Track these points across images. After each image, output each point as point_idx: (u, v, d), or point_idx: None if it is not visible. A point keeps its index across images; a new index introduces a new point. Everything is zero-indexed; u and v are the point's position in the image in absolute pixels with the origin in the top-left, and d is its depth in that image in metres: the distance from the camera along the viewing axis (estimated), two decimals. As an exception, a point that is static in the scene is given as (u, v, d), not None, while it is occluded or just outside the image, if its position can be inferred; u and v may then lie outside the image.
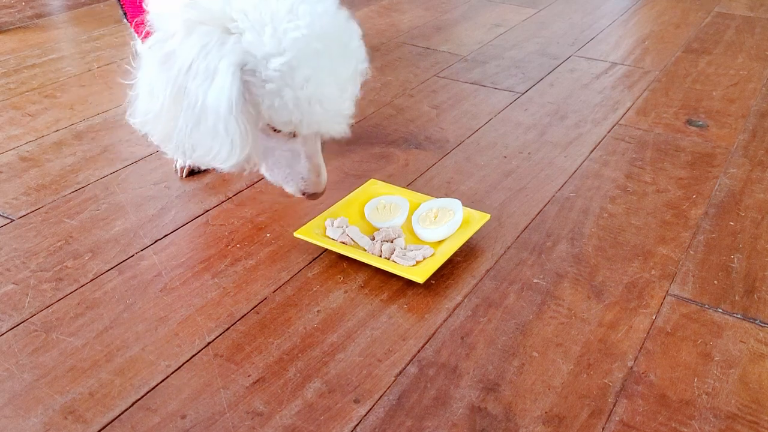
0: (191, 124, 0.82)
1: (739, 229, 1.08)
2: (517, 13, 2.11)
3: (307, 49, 0.81)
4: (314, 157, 0.91)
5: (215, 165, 0.86)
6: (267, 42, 0.80)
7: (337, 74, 0.84)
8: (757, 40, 1.90)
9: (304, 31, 0.81)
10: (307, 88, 0.81)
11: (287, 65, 0.80)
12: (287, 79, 0.80)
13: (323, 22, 0.83)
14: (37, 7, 2.11)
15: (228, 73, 0.79)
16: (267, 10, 0.81)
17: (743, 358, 0.84)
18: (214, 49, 0.80)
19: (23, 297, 0.92)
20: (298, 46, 0.80)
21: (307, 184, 0.93)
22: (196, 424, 0.74)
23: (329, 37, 0.83)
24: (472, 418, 0.75)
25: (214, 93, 0.80)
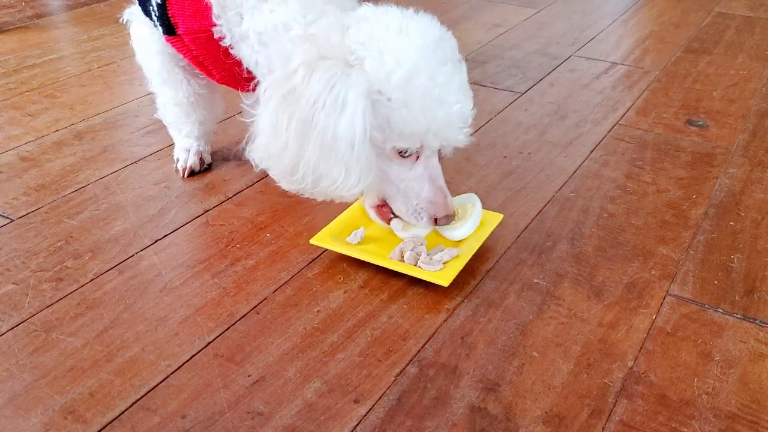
0: (321, 154, 0.84)
1: (739, 229, 1.08)
2: (517, 13, 2.11)
3: (424, 58, 0.84)
4: (438, 179, 0.92)
5: (338, 194, 0.88)
6: (387, 61, 0.83)
7: (454, 79, 0.86)
8: (757, 40, 1.90)
9: (417, 42, 0.85)
10: (429, 93, 0.84)
11: (408, 74, 0.83)
12: (410, 88, 0.83)
13: (433, 34, 0.87)
14: (37, 7, 2.11)
15: (358, 102, 0.82)
16: (381, 37, 0.85)
17: (743, 358, 0.84)
18: (340, 81, 0.83)
19: (23, 297, 0.92)
20: (415, 56, 0.84)
21: (436, 207, 0.92)
22: (196, 424, 0.74)
23: (441, 47, 0.87)
24: (472, 418, 0.75)
25: (345, 122, 0.82)
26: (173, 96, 1.14)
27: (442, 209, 0.92)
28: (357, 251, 0.96)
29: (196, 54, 1.01)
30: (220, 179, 1.19)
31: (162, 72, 1.11)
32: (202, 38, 0.98)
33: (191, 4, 0.96)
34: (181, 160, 1.19)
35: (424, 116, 0.84)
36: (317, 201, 1.04)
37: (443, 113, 0.85)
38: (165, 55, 1.09)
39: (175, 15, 0.98)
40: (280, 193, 1.15)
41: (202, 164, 1.20)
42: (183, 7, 0.97)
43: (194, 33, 0.98)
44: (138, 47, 1.13)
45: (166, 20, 0.99)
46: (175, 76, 1.11)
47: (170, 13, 0.98)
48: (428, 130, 0.86)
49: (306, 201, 0.96)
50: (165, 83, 1.13)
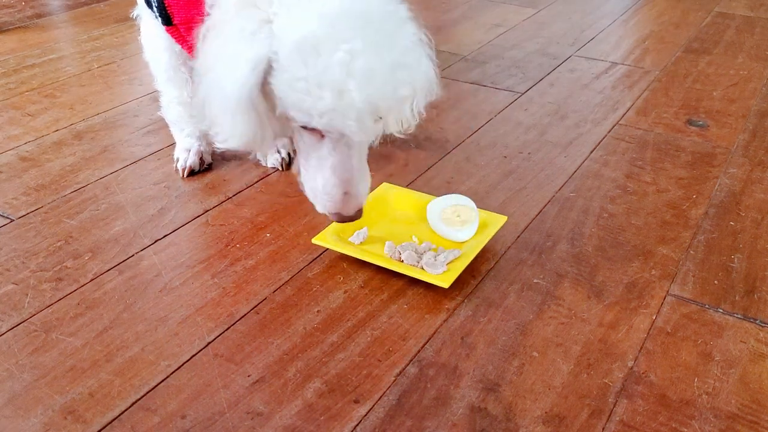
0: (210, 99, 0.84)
1: (739, 229, 1.08)
2: (517, 13, 2.11)
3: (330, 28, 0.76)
4: (341, 171, 0.83)
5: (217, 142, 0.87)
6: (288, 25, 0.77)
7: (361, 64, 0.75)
8: (757, 40, 1.90)
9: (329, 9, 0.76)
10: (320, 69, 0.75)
11: (297, 46, 0.76)
12: (296, 61, 0.76)
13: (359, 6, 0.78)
14: (37, 7, 2.11)
15: (248, 65, 0.79)
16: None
17: (743, 358, 0.84)
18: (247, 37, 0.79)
19: (23, 297, 0.92)
20: (320, 24, 0.76)
21: (331, 202, 0.85)
22: (196, 424, 0.74)
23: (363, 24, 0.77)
24: (472, 418, 0.75)
25: (230, 79, 0.80)
26: (177, 95, 1.14)
27: (334, 206, 0.85)
28: (359, 251, 0.96)
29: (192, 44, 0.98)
30: (220, 179, 1.19)
31: (168, 70, 1.11)
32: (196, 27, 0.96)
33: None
34: (181, 160, 1.19)
35: (308, 95, 0.77)
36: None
37: (329, 96, 0.76)
38: (171, 52, 1.09)
39: (171, 5, 0.98)
40: (280, 193, 1.15)
41: (202, 164, 1.20)
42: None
43: (188, 22, 0.96)
44: (146, 43, 1.13)
45: (163, 10, 0.98)
46: (180, 74, 1.11)
47: (166, 3, 0.98)
48: (312, 110, 0.78)
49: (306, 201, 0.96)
50: (170, 81, 1.13)
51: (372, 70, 0.76)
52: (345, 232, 1.00)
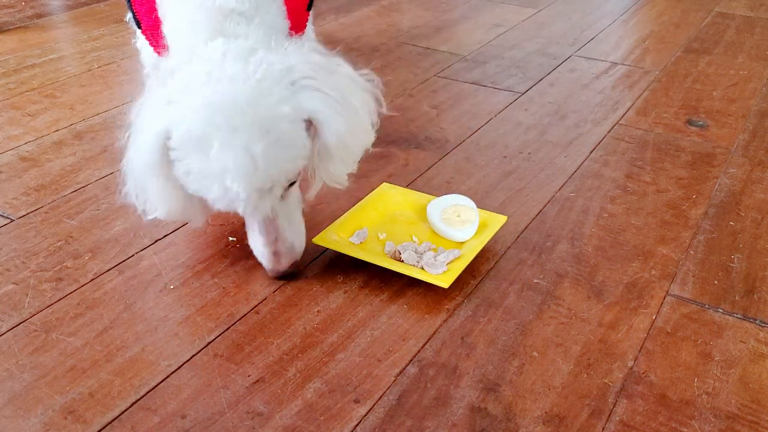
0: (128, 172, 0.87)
1: (739, 229, 1.08)
2: (517, 13, 2.11)
3: (205, 126, 0.77)
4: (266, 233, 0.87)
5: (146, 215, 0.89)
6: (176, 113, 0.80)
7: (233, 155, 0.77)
8: (757, 40, 1.90)
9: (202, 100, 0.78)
10: (202, 164, 0.78)
11: (188, 138, 0.78)
12: (187, 152, 0.79)
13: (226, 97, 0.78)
14: (37, 7, 2.11)
15: (148, 138, 0.81)
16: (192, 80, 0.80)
17: (743, 358, 0.84)
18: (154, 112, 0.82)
19: (23, 297, 0.92)
20: (198, 122, 0.78)
21: (264, 260, 0.90)
22: (196, 424, 0.74)
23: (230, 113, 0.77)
24: (472, 418, 0.75)
25: (134, 152, 0.84)
26: None
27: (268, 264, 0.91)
28: (359, 251, 0.96)
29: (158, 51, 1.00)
30: (220, 179, 1.19)
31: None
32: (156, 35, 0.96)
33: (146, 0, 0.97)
34: None
35: (199, 185, 0.80)
36: (317, 201, 1.04)
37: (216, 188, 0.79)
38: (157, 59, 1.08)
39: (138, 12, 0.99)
40: (280, 193, 1.15)
41: None
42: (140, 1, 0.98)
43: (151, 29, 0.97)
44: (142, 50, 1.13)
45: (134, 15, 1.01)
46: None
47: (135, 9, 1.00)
48: (207, 197, 0.82)
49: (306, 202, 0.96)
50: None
51: (247, 158, 0.77)
52: (345, 232, 1.00)
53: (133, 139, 0.84)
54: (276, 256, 0.90)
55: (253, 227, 0.90)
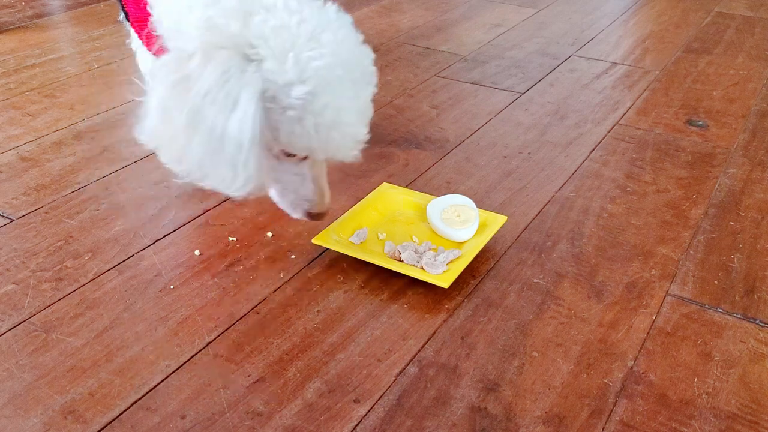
0: (207, 152, 0.80)
1: (739, 229, 1.08)
2: (517, 13, 2.11)
3: (330, 77, 0.80)
4: (320, 179, 0.92)
5: (225, 192, 0.85)
6: (289, 70, 0.79)
7: (357, 101, 0.84)
8: (757, 40, 1.90)
9: (327, 59, 0.80)
10: (327, 115, 0.80)
11: (310, 93, 0.79)
12: (309, 106, 0.79)
13: (345, 50, 0.83)
14: (37, 7, 2.11)
15: (250, 103, 0.78)
16: (288, 37, 0.79)
17: (743, 358, 0.84)
18: (235, 76, 0.78)
19: (23, 297, 0.92)
20: (320, 74, 0.79)
21: (311, 205, 0.92)
22: (196, 424, 0.74)
23: (350, 64, 0.83)
24: (472, 418, 0.75)
25: (235, 123, 0.78)
26: None
27: (317, 207, 0.93)
28: (359, 251, 0.96)
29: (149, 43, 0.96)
30: (220, 179, 1.19)
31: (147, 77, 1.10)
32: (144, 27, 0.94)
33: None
34: None
35: (316, 136, 0.82)
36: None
37: (336, 135, 0.82)
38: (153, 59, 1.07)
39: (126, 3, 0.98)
40: (280, 193, 1.15)
41: None
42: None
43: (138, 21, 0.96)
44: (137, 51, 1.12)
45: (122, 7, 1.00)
46: None
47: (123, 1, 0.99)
48: (318, 148, 0.84)
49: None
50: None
51: (367, 105, 0.86)
52: (345, 232, 1.00)
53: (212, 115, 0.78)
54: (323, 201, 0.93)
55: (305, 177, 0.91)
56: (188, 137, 0.80)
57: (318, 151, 0.85)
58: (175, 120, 0.80)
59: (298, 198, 0.92)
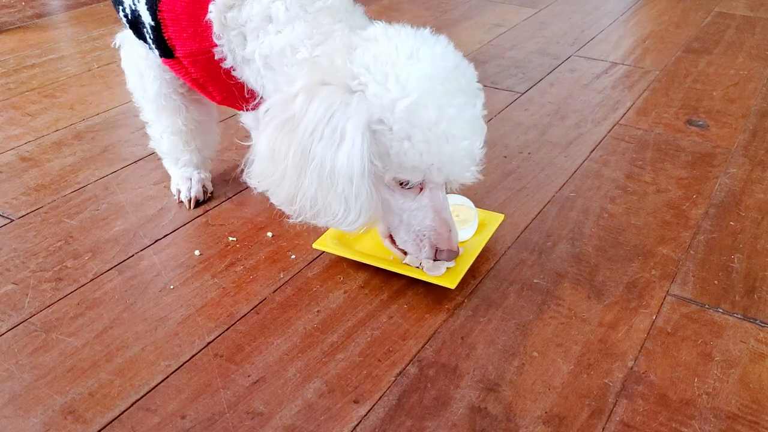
0: (318, 188, 0.80)
1: (739, 229, 1.08)
2: (517, 13, 2.11)
3: (433, 88, 0.79)
4: (442, 212, 0.86)
5: (338, 227, 0.84)
6: (391, 88, 0.78)
7: (465, 113, 0.80)
8: (757, 40, 1.90)
9: (428, 71, 0.79)
10: (437, 127, 0.78)
11: (414, 104, 0.77)
12: (414, 119, 0.78)
13: (446, 62, 0.81)
14: (37, 7, 2.11)
15: (357, 135, 0.78)
16: (388, 60, 0.79)
17: (743, 358, 0.84)
18: (340, 110, 0.78)
19: (23, 297, 0.92)
20: (423, 86, 0.78)
21: (438, 240, 0.86)
22: (196, 424, 0.74)
23: (453, 77, 0.81)
24: (472, 418, 0.75)
25: (343, 156, 0.78)
26: (171, 123, 1.07)
27: (446, 242, 0.87)
28: (361, 256, 0.96)
29: (196, 76, 0.96)
30: (221, 179, 1.19)
31: (158, 99, 1.04)
32: (202, 60, 0.93)
33: (189, 25, 0.90)
34: (184, 190, 1.12)
35: (428, 151, 0.79)
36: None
37: (449, 149, 0.79)
38: (162, 80, 1.02)
39: (172, 37, 0.92)
40: (280, 193, 1.15)
41: (205, 193, 1.14)
42: (180, 28, 0.91)
43: (193, 55, 0.93)
44: (131, 72, 1.05)
45: (162, 43, 0.93)
46: (173, 102, 1.05)
47: (166, 36, 0.92)
48: (431, 165, 0.80)
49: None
50: (163, 110, 1.06)
51: (477, 118, 0.83)
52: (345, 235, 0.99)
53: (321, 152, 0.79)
54: (450, 234, 0.87)
55: (427, 210, 0.86)
56: (299, 176, 0.80)
57: (431, 169, 0.80)
58: (284, 160, 0.80)
59: (422, 233, 0.87)
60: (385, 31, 0.84)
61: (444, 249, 0.87)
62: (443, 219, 0.86)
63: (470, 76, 0.84)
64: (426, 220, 0.86)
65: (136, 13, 0.94)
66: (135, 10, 0.94)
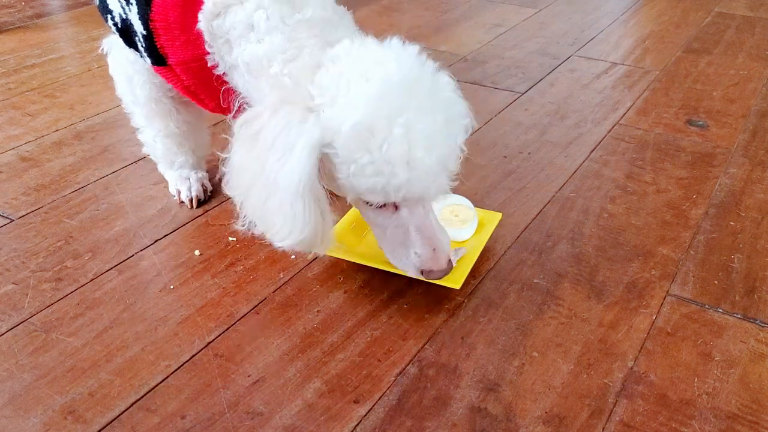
0: (263, 199, 0.81)
1: (739, 229, 1.08)
2: (517, 13, 2.11)
3: (380, 109, 0.77)
4: (425, 228, 0.84)
5: (275, 242, 0.84)
6: (338, 112, 0.78)
7: (421, 132, 0.77)
8: (757, 40, 1.90)
9: (372, 91, 0.77)
10: (385, 149, 0.76)
11: (357, 126, 0.76)
12: (360, 142, 0.77)
13: (400, 80, 0.79)
14: (37, 7, 2.11)
15: (303, 152, 0.78)
16: (342, 81, 0.79)
17: (743, 358, 0.84)
18: (295, 127, 0.78)
19: (23, 297, 0.92)
20: (367, 107, 0.77)
21: (422, 260, 0.84)
22: (196, 424, 0.74)
23: (409, 94, 0.78)
24: (472, 418, 0.75)
25: (286, 171, 0.78)
26: (163, 127, 1.08)
27: (429, 262, 0.84)
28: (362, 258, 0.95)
29: (188, 84, 0.96)
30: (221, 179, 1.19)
31: (149, 103, 1.04)
32: (195, 67, 0.93)
33: (182, 33, 0.90)
34: (184, 190, 1.12)
35: (378, 173, 0.77)
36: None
37: (401, 170, 0.77)
38: (152, 85, 1.02)
39: (164, 45, 0.91)
40: (280, 193, 1.15)
41: (205, 192, 1.14)
42: (173, 36, 0.91)
43: (186, 63, 0.93)
44: (120, 78, 1.05)
45: (154, 51, 0.93)
46: (163, 106, 1.05)
47: (159, 44, 0.91)
48: (387, 186, 0.78)
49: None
50: (154, 114, 1.06)
51: (432, 132, 0.79)
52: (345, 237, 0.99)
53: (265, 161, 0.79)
54: (435, 254, 0.84)
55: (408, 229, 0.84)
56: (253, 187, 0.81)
57: (387, 191, 0.79)
58: (246, 173, 0.81)
59: (407, 253, 0.85)
60: (349, 50, 0.82)
61: (428, 270, 0.85)
62: (426, 237, 0.84)
63: (431, 88, 0.81)
64: (407, 241, 0.84)
65: (127, 21, 0.94)
66: (126, 19, 0.94)
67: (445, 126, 0.80)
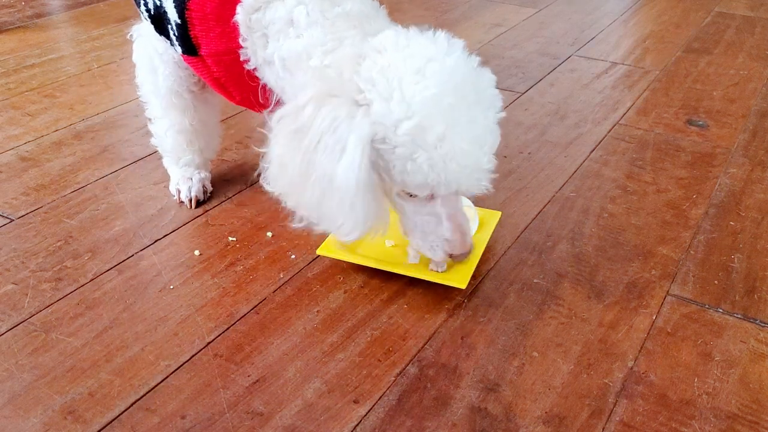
0: (319, 198, 0.81)
1: (739, 229, 1.08)
2: (517, 13, 2.11)
3: (438, 107, 0.78)
4: (455, 216, 0.87)
5: (337, 236, 0.86)
6: (395, 108, 0.78)
7: (473, 128, 0.80)
8: (757, 40, 1.90)
9: (433, 90, 0.78)
10: (441, 147, 0.78)
11: (418, 127, 0.77)
12: (418, 141, 0.78)
13: (454, 77, 0.80)
14: (37, 7, 2.11)
15: (357, 149, 0.78)
16: (394, 75, 0.79)
17: (743, 358, 0.84)
18: (344, 123, 0.78)
19: (23, 297, 0.92)
20: (427, 106, 0.77)
21: (451, 245, 0.87)
22: (196, 424, 0.74)
23: (462, 91, 0.80)
24: (472, 418, 0.75)
25: (342, 169, 0.79)
26: (178, 121, 1.07)
27: (459, 247, 0.87)
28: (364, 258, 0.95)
29: (218, 75, 0.96)
30: (220, 179, 1.19)
31: (169, 95, 1.04)
32: (227, 60, 0.93)
33: (217, 25, 0.91)
34: (184, 190, 1.12)
35: (432, 170, 0.79)
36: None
37: (454, 167, 0.79)
38: (176, 77, 1.03)
39: (198, 36, 0.92)
40: (280, 193, 1.15)
41: (205, 193, 1.14)
42: (208, 28, 0.91)
43: (219, 55, 0.93)
44: (143, 65, 1.05)
45: (187, 41, 0.93)
46: (182, 100, 1.05)
47: (192, 34, 0.92)
48: (438, 183, 0.80)
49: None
50: (172, 107, 1.06)
51: (483, 129, 0.81)
52: None
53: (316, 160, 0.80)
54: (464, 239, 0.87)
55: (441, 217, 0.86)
56: (303, 185, 0.81)
57: (438, 186, 0.81)
58: (291, 169, 0.82)
59: (437, 239, 0.87)
60: (395, 40, 0.82)
61: (458, 253, 0.88)
62: (457, 224, 0.86)
63: (482, 85, 0.83)
64: (439, 228, 0.86)
65: (161, 9, 0.94)
66: (160, 6, 0.94)
67: (492, 122, 0.83)
